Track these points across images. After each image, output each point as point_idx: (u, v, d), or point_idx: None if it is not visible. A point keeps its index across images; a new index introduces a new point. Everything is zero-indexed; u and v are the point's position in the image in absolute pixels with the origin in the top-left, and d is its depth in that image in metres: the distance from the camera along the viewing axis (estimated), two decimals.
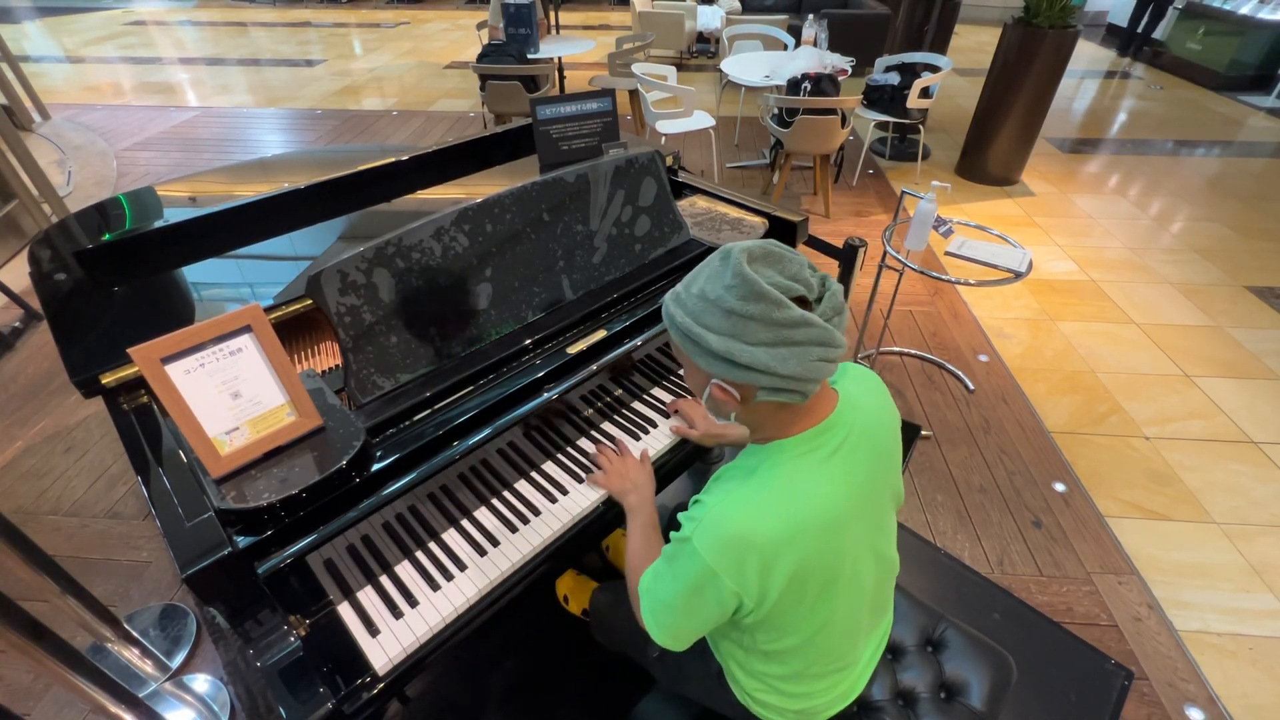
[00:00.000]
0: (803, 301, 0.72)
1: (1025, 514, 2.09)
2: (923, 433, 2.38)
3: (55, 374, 2.62)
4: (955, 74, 6.74)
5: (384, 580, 1.04)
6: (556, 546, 1.12)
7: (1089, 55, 7.83)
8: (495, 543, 1.10)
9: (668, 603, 0.83)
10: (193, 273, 1.37)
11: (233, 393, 0.90)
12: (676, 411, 1.34)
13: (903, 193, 2.45)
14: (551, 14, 5.68)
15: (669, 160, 1.80)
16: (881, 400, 0.90)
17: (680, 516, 0.83)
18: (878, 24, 6.28)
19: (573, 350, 1.22)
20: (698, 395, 0.83)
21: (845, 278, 1.71)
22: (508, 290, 1.22)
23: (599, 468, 1.21)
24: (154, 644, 1.67)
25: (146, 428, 1.00)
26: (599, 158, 1.41)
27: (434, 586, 1.03)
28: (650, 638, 1.15)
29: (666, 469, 1.29)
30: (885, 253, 2.41)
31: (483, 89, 4.20)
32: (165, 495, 0.89)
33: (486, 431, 1.09)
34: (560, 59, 5.18)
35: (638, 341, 1.29)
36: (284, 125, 5.47)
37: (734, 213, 1.65)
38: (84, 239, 1.44)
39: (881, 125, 4.73)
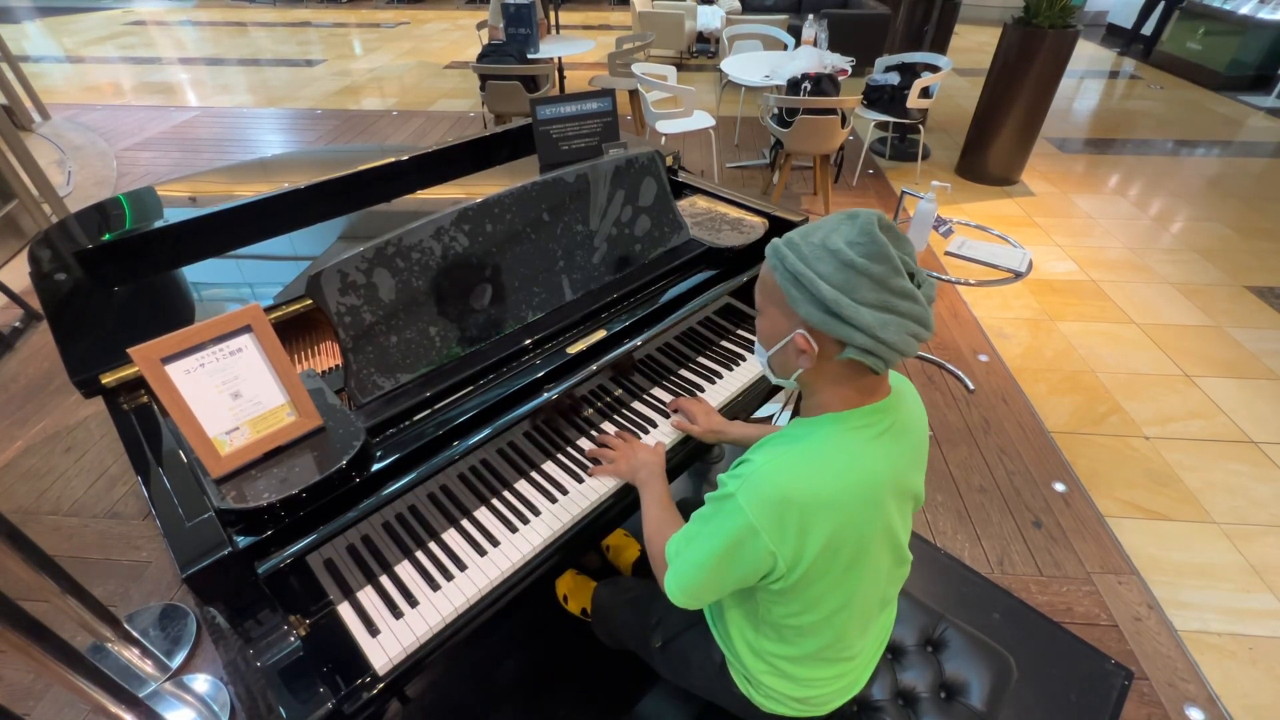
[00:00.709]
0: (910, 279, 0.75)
1: (1025, 514, 2.09)
2: None
3: (55, 374, 2.62)
4: (955, 74, 6.74)
5: (384, 580, 1.04)
6: (557, 546, 1.12)
7: (1089, 55, 7.83)
8: (495, 543, 1.10)
9: (700, 562, 0.84)
10: (193, 273, 1.37)
11: (233, 393, 0.90)
12: (677, 410, 1.34)
13: (903, 193, 2.45)
14: (551, 14, 5.68)
15: (669, 160, 1.80)
16: (918, 403, 0.93)
17: (721, 477, 0.84)
18: (878, 24, 6.28)
19: (572, 350, 1.22)
20: (767, 346, 0.84)
21: None
22: (508, 290, 1.22)
23: (599, 461, 1.21)
24: (154, 644, 1.67)
25: (146, 428, 1.00)
26: (599, 158, 1.41)
27: (434, 586, 1.03)
28: (651, 631, 1.16)
29: (667, 468, 1.28)
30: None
31: (483, 89, 4.20)
32: (165, 495, 0.89)
33: (486, 431, 1.09)
34: (560, 59, 5.18)
35: (638, 341, 1.29)
36: (284, 125, 5.47)
37: (734, 213, 1.65)
38: (84, 239, 1.44)
39: (881, 125, 4.73)
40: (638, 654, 1.24)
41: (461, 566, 1.06)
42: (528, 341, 1.21)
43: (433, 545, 1.10)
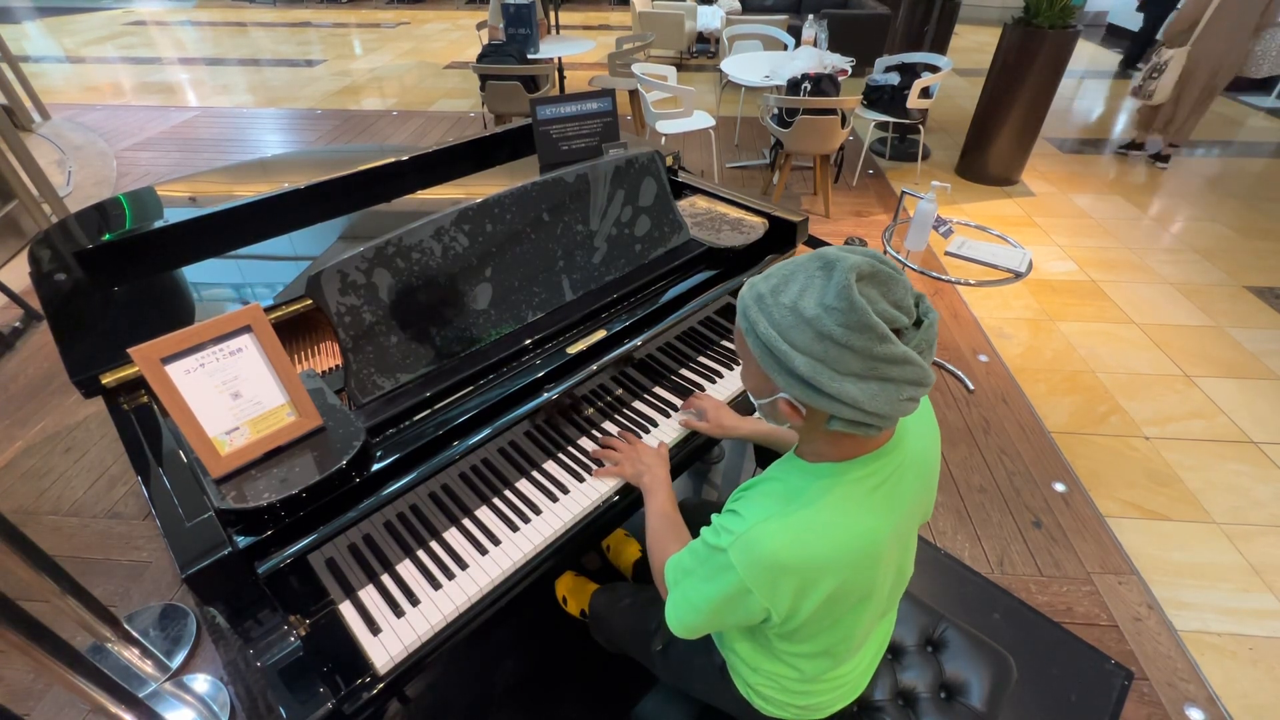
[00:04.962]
0: (899, 331, 0.66)
1: (1025, 514, 2.09)
2: None
3: (55, 374, 2.62)
4: (955, 74, 6.74)
5: (385, 579, 1.04)
6: (558, 545, 1.12)
7: (1089, 55, 7.83)
8: (497, 541, 1.10)
9: (694, 602, 0.82)
10: (193, 273, 1.37)
11: (233, 393, 0.90)
12: (688, 406, 1.34)
13: (903, 193, 2.45)
14: (551, 14, 5.68)
15: (669, 160, 1.80)
16: (929, 421, 0.88)
17: (715, 520, 0.81)
18: (878, 24, 6.28)
19: (572, 350, 1.22)
20: (755, 397, 0.78)
21: None
22: (508, 290, 1.22)
23: (602, 463, 1.21)
24: (154, 644, 1.67)
25: (146, 428, 1.00)
26: (599, 158, 1.41)
27: (436, 585, 1.03)
28: (651, 636, 1.16)
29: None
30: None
31: (483, 89, 4.20)
32: (165, 495, 0.89)
33: (486, 431, 1.09)
34: (560, 59, 5.18)
35: (638, 341, 1.29)
36: (284, 125, 5.47)
37: (734, 213, 1.65)
38: (84, 239, 1.44)
39: (881, 125, 4.73)
40: (637, 659, 1.24)
41: (463, 565, 1.06)
42: (528, 341, 1.21)
43: (434, 544, 1.10)
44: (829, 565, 0.74)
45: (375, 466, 0.98)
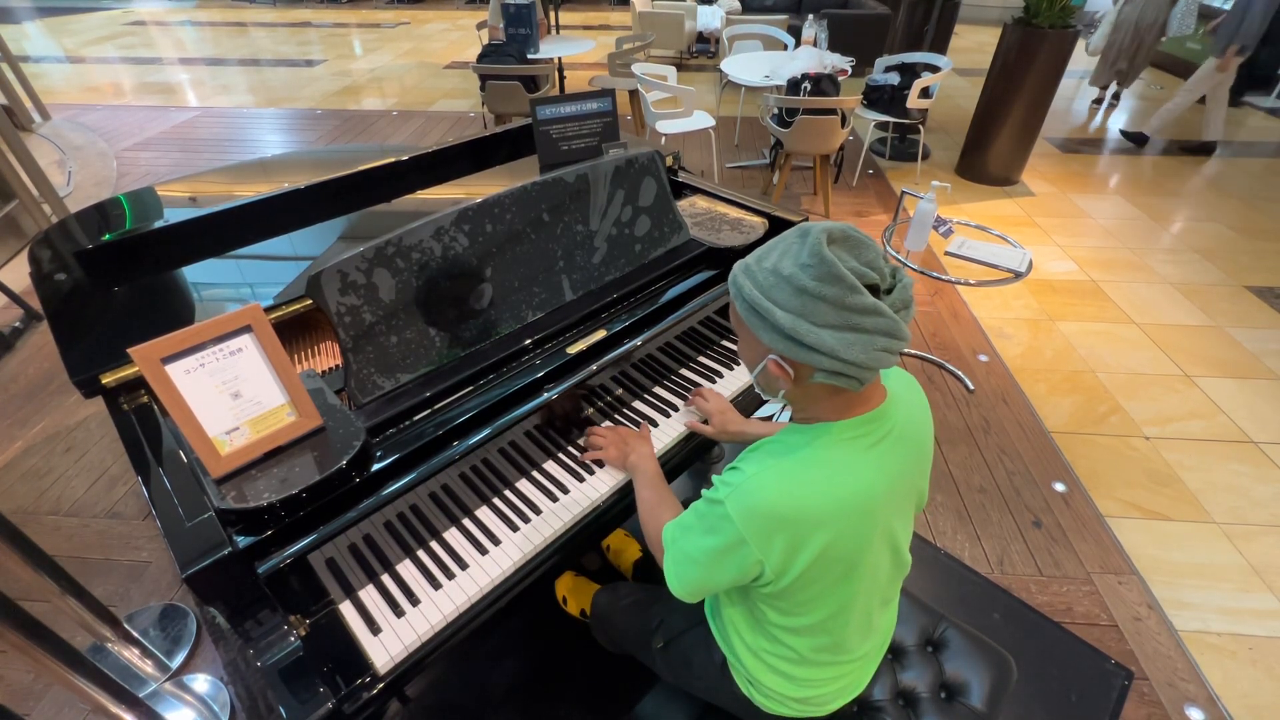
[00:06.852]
0: (874, 290, 0.71)
1: (1025, 514, 2.09)
2: None
3: (55, 374, 2.62)
4: (955, 74, 6.74)
5: (385, 579, 1.04)
6: (558, 544, 1.12)
7: (1089, 55, 7.82)
8: (497, 541, 1.10)
9: (692, 556, 0.85)
10: (193, 273, 1.37)
11: (233, 393, 0.90)
12: (692, 406, 1.35)
13: (903, 193, 2.45)
14: (551, 14, 5.68)
15: (669, 160, 1.80)
16: (922, 404, 0.91)
17: (715, 479, 0.84)
18: (878, 24, 6.28)
19: (572, 350, 1.22)
20: (750, 368, 0.83)
21: None
22: (508, 290, 1.22)
23: (596, 449, 1.24)
24: (154, 644, 1.67)
25: (146, 428, 1.00)
26: (599, 158, 1.41)
27: (436, 585, 1.03)
28: (652, 634, 1.17)
29: (668, 468, 1.28)
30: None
31: (483, 89, 4.20)
32: (165, 495, 0.89)
33: (487, 431, 1.09)
34: (560, 59, 5.18)
35: (638, 341, 1.29)
36: (284, 125, 5.47)
37: (734, 213, 1.65)
38: (84, 239, 1.44)
39: (881, 125, 4.73)
40: (638, 658, 1.24)
41: (463, 565, 1.06)
42: (528, 341, 1.21)
43: (434, 544, 1.10)
44: (822, 517, 0.76)
45: (375, 466, 0.98)
